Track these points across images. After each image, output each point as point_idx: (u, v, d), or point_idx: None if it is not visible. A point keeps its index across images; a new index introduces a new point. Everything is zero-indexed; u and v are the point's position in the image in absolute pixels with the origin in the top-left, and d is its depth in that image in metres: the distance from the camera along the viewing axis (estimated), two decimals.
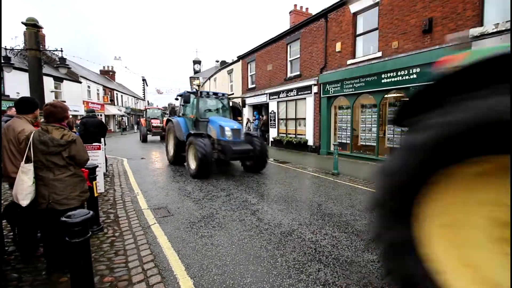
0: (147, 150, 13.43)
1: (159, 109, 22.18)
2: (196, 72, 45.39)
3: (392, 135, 8.85)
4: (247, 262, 2.91)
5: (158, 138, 19.54)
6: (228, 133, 7.07)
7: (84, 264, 1.92)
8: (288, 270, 2.77)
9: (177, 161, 8.62)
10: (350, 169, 8.27)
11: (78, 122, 9.07)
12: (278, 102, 14.54)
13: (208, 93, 8.45)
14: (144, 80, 53.26)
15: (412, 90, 7.90)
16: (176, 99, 9.81)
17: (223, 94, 8.91)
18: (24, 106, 2.88)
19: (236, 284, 2.53)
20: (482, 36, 6.39)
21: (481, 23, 6.56)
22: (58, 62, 9.87)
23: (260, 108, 17.98)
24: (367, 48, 9.73)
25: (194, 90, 7.89)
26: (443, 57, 1.74)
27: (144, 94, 53.15)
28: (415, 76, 7.84)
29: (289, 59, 13.80)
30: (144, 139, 17.91)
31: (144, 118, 20.21)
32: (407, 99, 1.57)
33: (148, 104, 59.33)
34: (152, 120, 18.88)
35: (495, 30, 6.18)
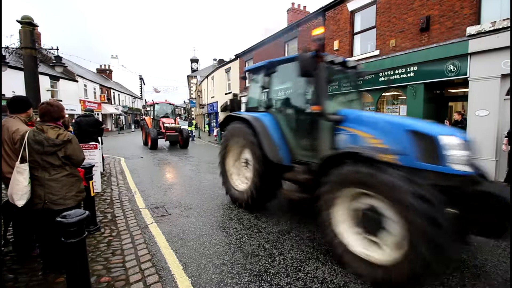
0: (145, 150, 13.36)
1: (170, 104, 16.21)
2: (193, 70, 45.24)
3: None
4: (245, 261, 2.91)
5: (164, 144, 14.81)
6: (458, 153, 2.57)
7: (80, 265, 1.90)
8: (286, 269, 2.77)
9: (259, 202, 4.37)
10: None
11: (73, 121, 8.98)
12: None
13: (345, 61, 4.13)
14: (141, 78, 53.03)
15: (409, 88, 7.92)
16: (244, 77, 5.36)
17: (354, 66, 4.37)
18: (17, 105, 2.85)
19: (234, 283, 2.53)
20: (479, 34, 6.41)
21: (478, 21, 6.57)
22: (54, 61, 9.79)
23: None
24: (364, 47, 9.72)
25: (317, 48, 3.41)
26: None
27: (141, 93, 52.92)
28: (412, 74, 7.85)
29: None
30: (153, 145, 12.80)
31: (151, 117, 15.01)
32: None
33: (146, 102, 58.93)
34: (163, 120, 13.80)
35: (492, 28, 6.20)
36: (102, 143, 7.12)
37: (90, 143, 5.64)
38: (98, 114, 28.05)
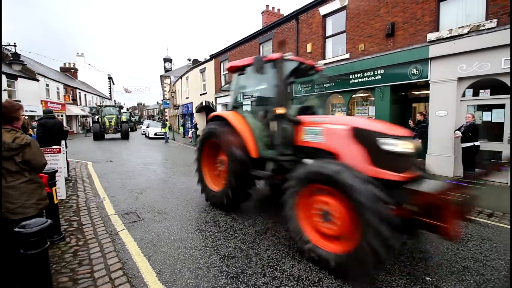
0: (115, 153, 12.73)
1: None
2: (167, 70, 44.09)
3: None
4: (222, 264, 2.88)
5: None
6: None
7: (43, 277, 1.77)
8: (263, 269, 2.78)
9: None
10: None
11: (34, 123, 8.31)
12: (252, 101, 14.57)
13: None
14: (110, 78, 50.51)
15: (377, 90, 8.35)
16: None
17: None
18: None
19: (210, 286, 2.49)
20: (438, 40, 6.92)
21: (437, 29, 7.09)
22: (11, 58, 9.05)
23: None
24: (336, 50, 10.08)
25: None
26: None
27: (110, 93, 50.43)
28: (379, 77, 8.28)
29: None
30: (239, 196, 4.24)
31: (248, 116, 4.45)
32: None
33: (115, 103, 55.94)
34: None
35: (449, 35, 6.72)
36: (66, 147, 6.68)
37: (53, 146, 5.27)
38: (61, 116, 26.30)
